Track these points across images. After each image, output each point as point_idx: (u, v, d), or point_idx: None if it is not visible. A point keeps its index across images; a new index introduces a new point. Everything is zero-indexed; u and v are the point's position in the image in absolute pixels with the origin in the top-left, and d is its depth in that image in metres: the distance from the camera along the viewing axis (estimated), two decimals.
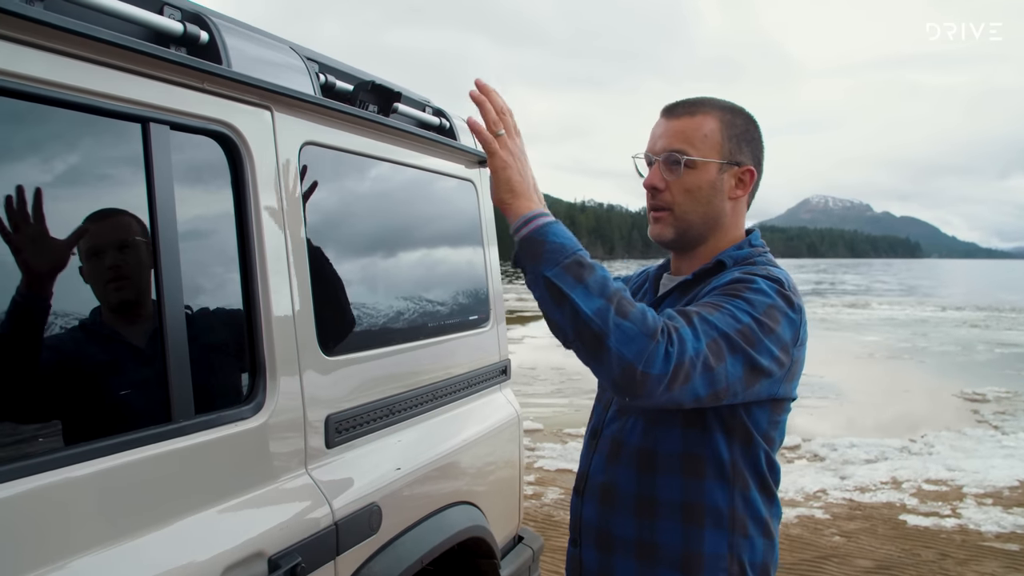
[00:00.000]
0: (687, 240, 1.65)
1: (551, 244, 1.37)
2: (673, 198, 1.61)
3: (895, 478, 6.93)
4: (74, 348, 1.39)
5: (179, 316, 1.48)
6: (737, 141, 1.61)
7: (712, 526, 1.54)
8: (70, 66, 1.32)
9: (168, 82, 1.49)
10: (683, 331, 1.34)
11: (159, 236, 1.45)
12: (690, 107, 1.61)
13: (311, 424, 1.77)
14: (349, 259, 2.08)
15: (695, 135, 1.58)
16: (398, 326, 2.22)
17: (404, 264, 2.33)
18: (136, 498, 1.35)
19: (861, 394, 11.69)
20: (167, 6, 1.59)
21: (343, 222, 2.10)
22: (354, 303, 2.04)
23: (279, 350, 1.69)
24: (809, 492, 6.52)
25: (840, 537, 5.45)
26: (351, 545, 1.78)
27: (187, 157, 1.58)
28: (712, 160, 1.59)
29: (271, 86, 1.70)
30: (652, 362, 1.28)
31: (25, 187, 1.27)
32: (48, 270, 1.31)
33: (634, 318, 1.30)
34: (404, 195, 2.40)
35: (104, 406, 1.40)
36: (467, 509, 2.36)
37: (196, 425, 1.48)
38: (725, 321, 1.39)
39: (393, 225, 2.33)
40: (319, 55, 2.13)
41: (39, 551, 1.19)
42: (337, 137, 2.01)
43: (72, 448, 1.27)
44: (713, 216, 1.63)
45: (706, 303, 1.45)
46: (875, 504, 6.20)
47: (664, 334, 1.31)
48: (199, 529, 1.42)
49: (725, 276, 1.55)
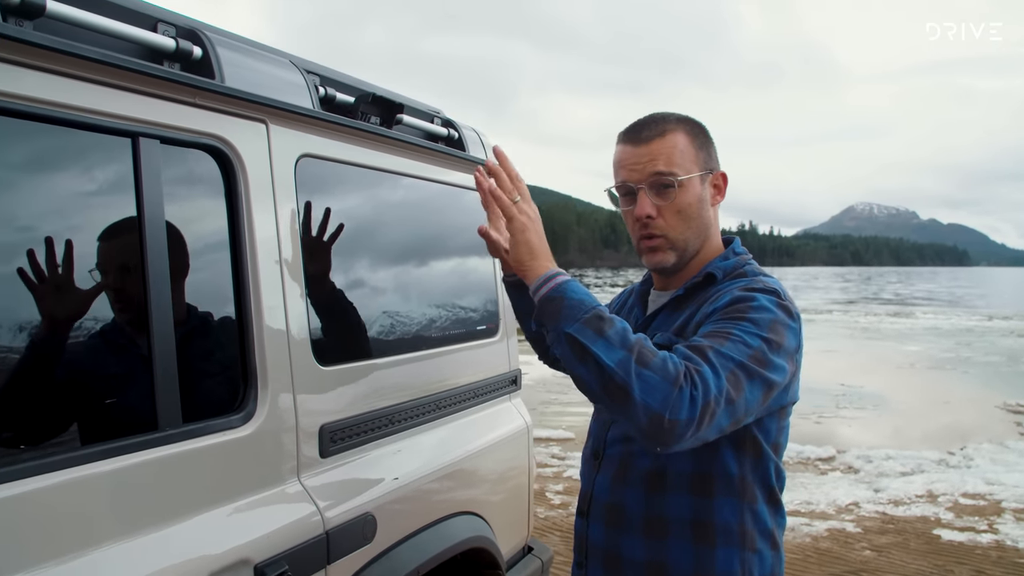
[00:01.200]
0: (686, 260, 1.65)
1: (570, 301, 1.39)
2: (667, 223, 1.59)
3: (931, 491, 6.76)
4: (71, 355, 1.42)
5: (167, 327, 1.50)
6: (705, 149, 1.62)
7: (723, 544, 1.53)
8: (58, 84, 1.36)
9: (157, 97, 1.52)
10: (703, 371, 1.33)
11: (147, 247, 1.48)
12: (657, 127, 1.59)
13: (304, 433, 1.78)
14: (350, 270, 2.10)
15: (674, 154, 1.57)
16: (398, 337, 2.24)
17: (406, 275, 2.35)
18: (118, 504, 1.38)
19: (900, 405, 11.42)
20: (161, 23, 1.62)
21: (344, 233, 2.12)
22: (352, 314, 2.06)
23: (271, 361, 1.71)
24: (841, 505, 6.39)
25: (871, 551, 5.33)
26: (343, 554, 1.79)
27: (180, 170, 1.61)
28: (695, 174, 1.58)
29: (264, 99, 1.73)
30: (679, 409, 1.28)
31: (18, 201, 1.31)
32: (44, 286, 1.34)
33: (655, 366, 1.31)
34: (410, 206, 2.42)
35: (91, 412, 1.43)
36: (470, 519, 2.36)
37: (183, 434, 1.50)
38: (738, 350, 1.38)
39: (397, 236, 2.35)
40: (321, 68, 2.16)
41: (20, 554, 1.22)
42: (337, 149, 2.03)
43: (54, 455, 1.30)
44: (704, 229, 1.63)
45: (714, 333, 1.42)
46: (909, 518, 6.06)
47: (687, 378, 1.31)
48: (183, 535, 1.45)
49: (724, 296, 1.52)
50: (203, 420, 1.56)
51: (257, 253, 1.72)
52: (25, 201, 1.36)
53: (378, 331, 2.16)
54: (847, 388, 12.71)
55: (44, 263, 1.35)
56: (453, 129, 2.68)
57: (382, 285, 2.23)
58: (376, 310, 2.18)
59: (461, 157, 2.61)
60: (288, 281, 1.79)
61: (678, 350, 1.38)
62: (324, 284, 1.96)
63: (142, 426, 1.45)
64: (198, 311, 1.68)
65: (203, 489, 1.53)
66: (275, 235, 1.77)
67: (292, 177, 1.85)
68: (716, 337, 1.41)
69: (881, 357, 17.01)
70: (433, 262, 2.52)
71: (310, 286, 1.87)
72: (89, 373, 1.46)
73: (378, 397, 2.07)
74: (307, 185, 1.91)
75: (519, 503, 2.78)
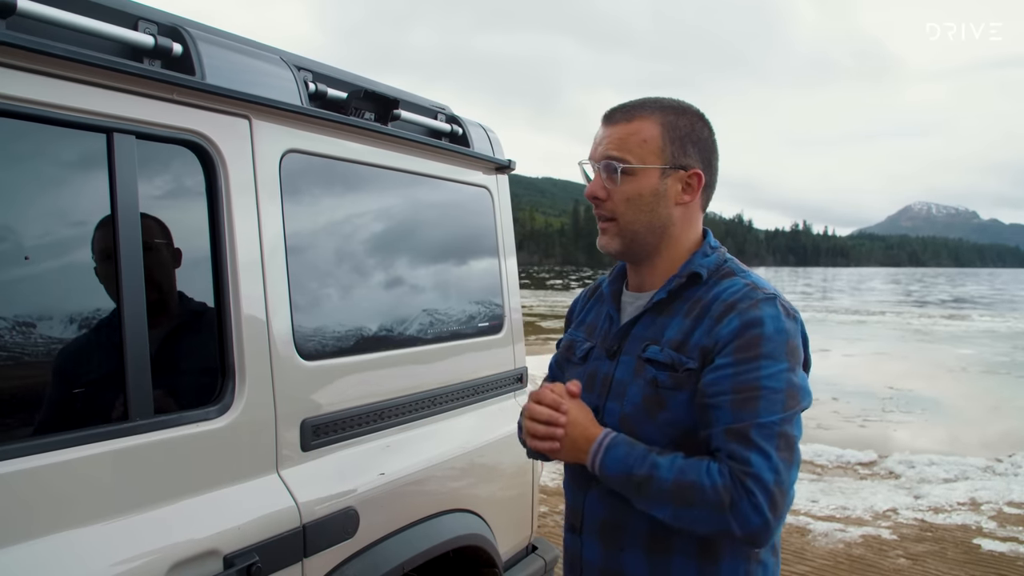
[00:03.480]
0: (635, 251, 1.58)
1: (615, 480, 1.44)
2: (615, 207, 1.54)
3: (974, 499, 6.53)
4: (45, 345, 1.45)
5: (140, 322, 1.52)
6: (681, 143, 1.53)
7: (729, 557, 1.48)
8: (29, 81, 1.39)
9: (131, 93, 1.55)
10: (753, 467, 1.33)
11: (119, 239, 1.50)
12: (628, 112, 1.54)
13: (284, 426, 1.80)
14: (338, 264, 2.11)
15: (631, 140, 1.51)
16: (392, 334, 2.24)
17: (401, 271, 2.35)
18: (85, 491, 1.40)
19: (949, 409, 11.08)
20: (142, 20, 1.65)
21: (336, 229, 2.13)
22: (340, 310, 2.06)
23: (249, 355, 1.73)
24: (878, 511, 6.21)
25: (905, 560, 5.17)
26: (322, 548, 1.80)
27: (158, 165, 1.64)
28: (652, 166, 1.51)
29: (244, 95, 1.74)
30: (745, 522, 1.32)
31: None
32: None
33: (699, 502, 1.34)
34: (404, 202, 2.42)
35: (60, 401, 1.46)
36: (464, 516, 2.35)
37: (154, 424, 1.52)
38: (772, 405, 1.37)
39: (393, 232, 2.35)
40: (316, 64, 2.18)
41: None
42: (327, 145, 2.04)
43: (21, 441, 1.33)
44: (659, 224, 1.55)
45: (740, 391, 1.38)
46: (948, 526, 5.86)
47: (738, 491, 1.32)
48: (148, 525, 1.47)
49: (726, 321, 1.44)
50: (175, 411, 1.58)
51: (237, 247, 1.73)
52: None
53: (369, 328, 2.16)
54: (895, 391, 12.39)
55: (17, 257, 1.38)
56: (457, 125, 2.67)
57: (375, 282, 2.24)
58: (368, 307, 2.18)
59: (463, 153, 2.60)
60: (270, 276, 1.80)
61: (720, 446, 1.37)
62: (311, 280, 1.97)
63: (112, 416, 1.48)
64: (177, 306, 1.70)
65: (174, 479, 1.55)
66: (256, 229, 1.79)
67: (276, 172, 1.87)
68: (745, 403, 1.37)
69: (932, 360, 16.52)
70: (432, 259, 2.52)
71: (294, 281, 1.88)
72: (62, 363, 1.49)
73: (367, 393, 2.07)
74: (294, 180, 1.93)
75: (521, 502, 2.76)
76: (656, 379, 1.48)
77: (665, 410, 1.46)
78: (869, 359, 16.05)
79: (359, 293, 2.16)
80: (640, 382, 1.51)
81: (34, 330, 1.42)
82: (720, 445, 1.37)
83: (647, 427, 1.48)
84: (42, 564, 1.31)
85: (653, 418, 1.48)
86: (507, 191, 2.95)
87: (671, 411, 1.46)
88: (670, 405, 1.46)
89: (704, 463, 1.37)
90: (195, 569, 1.50)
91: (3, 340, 1.37)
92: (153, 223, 1.62)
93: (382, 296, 2.25)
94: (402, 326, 2.30)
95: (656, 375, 1.48)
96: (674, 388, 1.46)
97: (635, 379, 1.52)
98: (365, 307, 2.17)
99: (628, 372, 1.54)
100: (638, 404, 1.50)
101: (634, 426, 1.49)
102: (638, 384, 1.51)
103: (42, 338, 1.44)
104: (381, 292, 2.25)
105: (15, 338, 1.39)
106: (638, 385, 1.51)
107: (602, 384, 1.57)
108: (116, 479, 1.46)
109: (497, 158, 2.82)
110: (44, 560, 1.31)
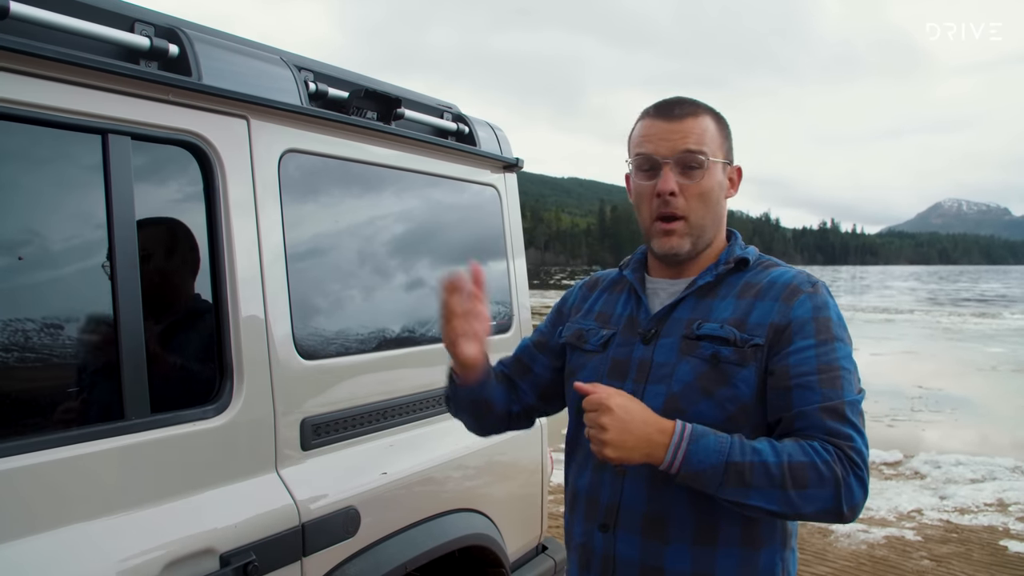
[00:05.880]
0: (699, 249, 1.56)
1: (704, 473, 1.35)
2: (688, 204, 1.51)
3: (1001, 500, 6.41)
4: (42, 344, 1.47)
5: (136, 317, 1.53)
6: (728, 139, 1.58)
7: (767, 545, 1.49)
8: (22, 83, 1.40)
9: (126, 94, 1.56)
10: (854, 441, 1.37)
11: (115, 239, 1.51)
12: (691, 107, 1.54)
13: (283, 425, 1.80)
14: (340, 264, 2.11)
15: (705, 135, 1.52)
16: (394, 333, 2.24)
17: (405, 269, 2.34)
18: (81, 489, 1.41)
19: (978, 408, 10.89)
20: (139, 22, 1.66)
21: (337, 228, 2.13)
22: (341, 310, 2.07)
23: (247, 354, 1.73)
24: (903, 511, 6.12)
25: (929, 561, 5.09)
26: (321, 547, 1.80)
27: (155, 166, 1.65)
28: (719, 160, 1.54)
29: (241, 95, 1.75)
30: (852, 496, 1.34)
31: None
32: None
33: (812, 482, 1.33)
34: (409, 201, 2.42)
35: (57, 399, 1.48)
36: (469, 516, 2.34)
37: (150, 423, 1.53)
38: (851, 386, 1.42)
39: (395, 232, 2.35)
40: (318, 64, 2.18)
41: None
42: (327, 144, 2.05)
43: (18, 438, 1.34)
44: (719, 218, 1.58)
45: (824, 371, 1.41)
46: (974, 527, 5.76)
47: (844, 466, 1.34)
48: (144, 523, 1.48)
49: (798, 302, 1.46)
50: (172, 410, 1.59)
51: (235, 247, 1.74)
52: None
53: (371, 327, 2.16)
54: (924, 391, 12.21)
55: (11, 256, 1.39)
56: (463, 124, 2.67)
57: (378, 281, 2.24)
58: (370, 306, 2.18)
59: (469, 152, 2.59)
60: (268, 275, 1.81)
61: (816, 423, 1.38)
62: (310, 279, 1.97)
63: (108, 414, 1.49)
64: (175, 306, 1.72)
65: (170, 477, 1.56)
66: (255, 228, 1.79)
67: (276, 171, 1.87)
68: (833, 382, 1.41)
69: (962, 359, 16.26)
70: (439, 258, 2.51)
71: (294, 280, 1.88)
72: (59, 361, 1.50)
73: (369, 392, 2.07)
74: (294, 180, 1.93)
75: (530, 501, 2.75)
76: (718, 354, 1.46)
77: (727, 386, 1.45)
78: (898, 358, 15.83)
79: (360, 292, 2.16)
80: (693, 360, 1.48)
81: (32, 328, 1.44)
82: (815, 423, 1.38)
83: (701, 405, 1.45)
84: (39, 561, 1.33)
85: (710, 395, 1.45)
86: (515, 189, 2.94)
87: (734, 387, 1.45)
88: (734, 380, 1.45)
89: (801, 443, 1.37)
90: (190, 568, 1.51)
91: (1, 339, 1.38)
92: (150, 223, 1.63)
93: (384, 295, 2.25)
94: (404, 325, 2.30)
95: (718, 350, 1.46)
96: (739, 363, 1.45)
97: (682, 359, 1.49)
98: (367, 306, 2.17)
99: (671, 353, 1.51)
100: (690, 383, 1.47)
101: (685, 405, 1.46)
102: (689, 363, 1.48)
103: (40, 336, 1.45)
104: (384, 291, 2.25)
105: (13, 337, 1.40)
106: (689, 364, 1.48)
107: (638, 368, 1.54)
108: (112, 477, 1.47)
109: (504, 156, 2.81)
110: (41, 557, 1.32)
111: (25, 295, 1.44)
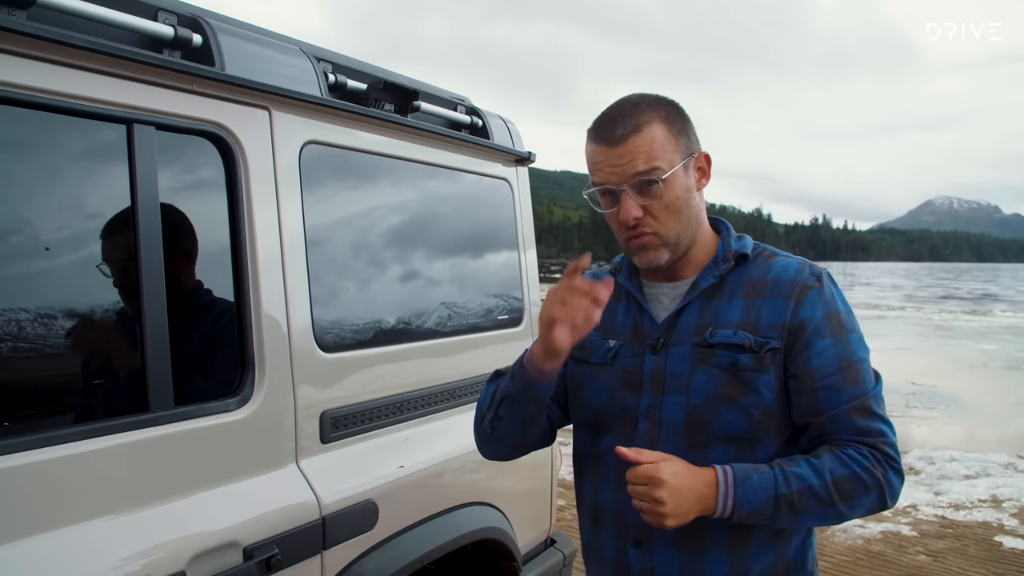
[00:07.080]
0: (680, 253, 1.53)
1: (756, 512, 1.38)
2: (656, 220, 1.46)
3: (995, 496, 6.46)
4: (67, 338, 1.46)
5: (160, 313, 1.52)
6: (684, 133, 1.49)
7: (795, 534, 1.51)
8: (49, 72, 1.39)
9: (151, 84, 1.54)
10: (887, 436, 1.42)
11: (139, 230, 1.50)
12: (632, 120, 1.45)
13: (304, 419, 1.79)
14: (359, 256, 2.10)
15: (654, 148, 1.43)
16: (411, 326, 2.23)
17: (421, 263, 2.34)
18: (105, 482, 1.40)
19: (971, 405, 10.96)
20: (162, 11, 1.64)
21: (356, 220, 2.12)
22: (360, 303, 2.06)
23: (269, 347, 1.72)
24: (898, 507, 6.15)
25: (925, 556, 5.13)
26: (341, 540, 1.80)
27: (178, 156, 1.64)
28: (677, 166, 1.46)
29: (264, 86, 1.74)
30: (892, 490, 1.41)
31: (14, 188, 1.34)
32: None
33: (858, 491, 1.38)
34: (424, 194, 2.41)
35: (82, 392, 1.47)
36: (483, 510, 2.34)
37: (174, 415, 1.52)
38: (869, 376, 1.45)
39: (411, 224, 2.34)
40: (336, 55, 2.16)
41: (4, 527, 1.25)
42: (346, 136, 2.04)
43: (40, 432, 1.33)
44: (694, 218, 1.51)
45: (844, 369, 1.44)
46: (969, 523, 5.80)
47: (883, 466, 1.39)
48: (168, 516, 1.47)
49: (808, 299, 1.45)
50: (195, 403, 1.58)
51: (256, 239, 1.73)
52: (19, 188, 1.39)
53: (388, 320, 2.16)
54: (918, 387, 12.27)
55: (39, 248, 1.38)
56: (477, 117, 2.66)
57: (395, 273, 2.23)
58: (387, 299, 2.18)
59: (483, 144, 2.59)
60: (289, 267, 1.80)
61: (848, 424, 1.41)
62: (330, 271, 1.96)
63: (132, 407, 1.48)
64: (197, 298, 1.70)
65: (194, 470, 1.56)
66: (276, 221, 1.78)
67: (296, 163, 1.86)
68: (855, 378, 1.44)
69: (954, 356, 16.35)
70: (452, 251, 2.51)
71: (314, 273, 1.87)
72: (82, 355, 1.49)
73: (387, 385, 2.07)
74: (313, 171, 1.92)
75: (540, 495, 2.75)
76: (736, 363, 1.43)
77: (751, 393, 1.43)
78: (890, 355, 15.89)
79: (378, 285, 2.16)
80: (710, 369, 1.45)
81: (55, 322, 1.43)
82: (847, 425, 1.42)
83: (727, 414, 1.43)
84: (65, 554, 1.32)
85: (735, 403, 1.43)
86: (527, 183, 2.94)
87: (757, 393, 1.43)
88: (756, 387, 1.43)
89: (838, 454, 1.40)
90: (215, 561, 1.51)
91: (25, 331, 1.37)
92: (173, 214, 1.62)
93: (401, 288, 2.24)
94: (421, 318, 2.29)
95: (736, 358, 1.43)
96: (758, 369, 1.43)
97: (697, 368, 1.46)
98: (384, 299, 2.17)
99: (683, 363, 1.47)
100: (710, 393, 1.44)
101: (708, 417, 1.44)
102: (706, 372, 1.45)
103: (63, 329, 1.44)
104: (400, 284, 2.24)
105: (36, 329, 1.39)
106: (706, 373, 1.45)
107: (652, 380, 1.49)
108: (136, 470, 1.46)
109: (517, 150, 2.80)
110: (67, 550, 1.32)
111: (52, 286, 1.43)
